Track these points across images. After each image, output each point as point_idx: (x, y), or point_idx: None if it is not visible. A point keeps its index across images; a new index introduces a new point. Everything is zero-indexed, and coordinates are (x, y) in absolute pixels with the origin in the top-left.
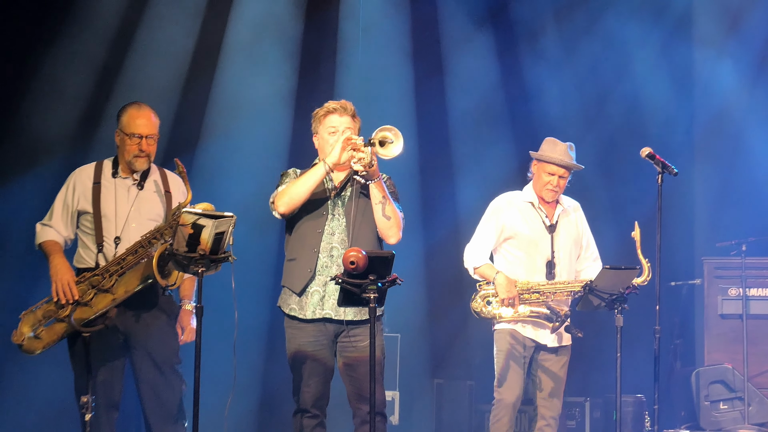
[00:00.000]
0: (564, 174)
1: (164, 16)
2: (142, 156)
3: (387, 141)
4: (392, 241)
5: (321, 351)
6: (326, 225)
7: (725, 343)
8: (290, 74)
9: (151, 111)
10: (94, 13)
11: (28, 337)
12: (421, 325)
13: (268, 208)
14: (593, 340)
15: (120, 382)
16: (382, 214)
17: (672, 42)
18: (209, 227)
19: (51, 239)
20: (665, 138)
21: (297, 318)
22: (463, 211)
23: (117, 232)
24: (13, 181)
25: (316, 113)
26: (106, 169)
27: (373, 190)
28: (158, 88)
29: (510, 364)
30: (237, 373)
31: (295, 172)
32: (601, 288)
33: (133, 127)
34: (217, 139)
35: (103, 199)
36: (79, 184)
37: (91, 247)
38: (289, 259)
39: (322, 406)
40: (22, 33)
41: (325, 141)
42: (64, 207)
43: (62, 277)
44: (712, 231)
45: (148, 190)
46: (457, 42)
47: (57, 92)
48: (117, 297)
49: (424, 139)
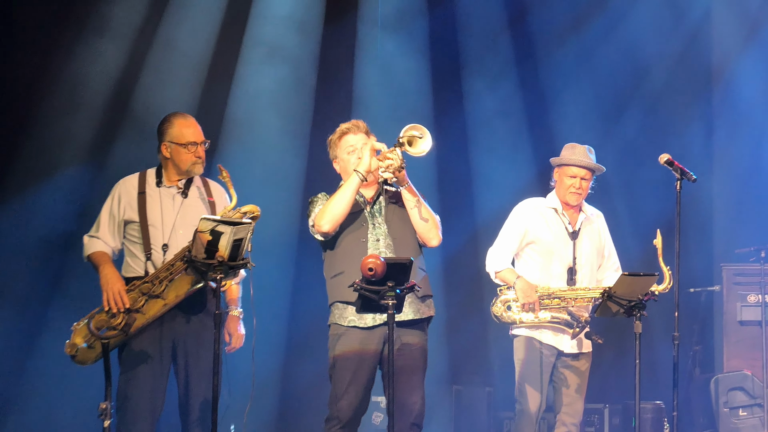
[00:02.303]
0: (586, 176)
1: (182, 21)
2: (199, 162)
3: (415, 139)
4: (434, 243)
5: (367, 360)
6: (369, 234)
7: (744, 349)
8: (308, 79)
9: (193, 118)
10: (112, 19)
11: (81, 348)
12: (440, 331)
13: (286, 215)
14: (612, 346)
15: (164, 390)
16: (420, 218)
17: (691, 48)
18: (228, 234)
19: (99, 250)
20: (684, 144)
21: (358, 327)
22: (481, 216)
23: (164, 240)
24: (31, 189)
25: (331, 139)
26: (150, 179)
27: (405, 195)
28: (176, 94)
29: (531, 373)
30: (255, 380)
31: (325, 196)
32: (619, 294)
33: (189, 136)
34: (235, 146)
35: (149, 209)
36: (125, 194)
37: (139, 256)
38: (336, 275)
39: (357, 417)
40: (44, 34)
41: (346, 162)
42: (110, 218)
43: (113, 286)
44: (731, 237)
45: (192, 197)
46: (475, 48)
47: (75, 98)
48: (168, 302)
49: (442, 144)
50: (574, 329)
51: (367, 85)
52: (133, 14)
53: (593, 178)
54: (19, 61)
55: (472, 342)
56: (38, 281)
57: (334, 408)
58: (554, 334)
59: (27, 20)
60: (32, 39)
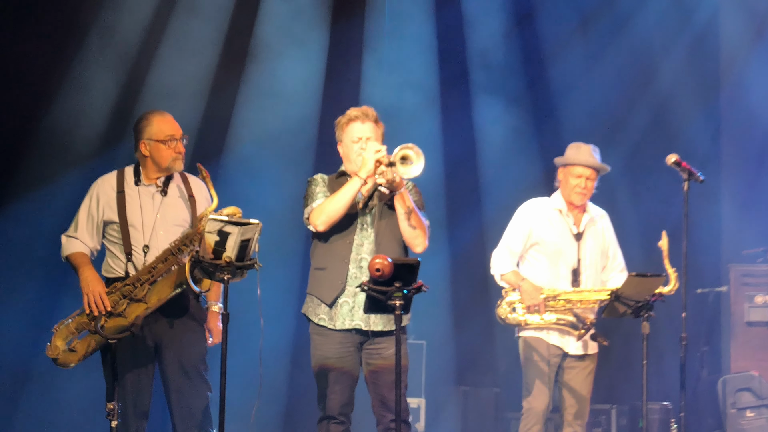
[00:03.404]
0: (591, 176)
1: (191, 18)
2: (179, 157)
3: (408, 159)
4: (418, 250)
5: (347, 359)
6: (355, 236)
7: (752, 350)
8: (317, 76)
9: (169, 114)
10: (120, 19)
11: (62, 351)
12: (447, 332)
13: (293, 214)
14: (620, 347)
15: (149, 390)
16: (408, 225)
17: (698, 48)
18: (235, 234)
19: (78, 251)
20: (691, 145)
21: (326, 327)
22: (488, 217)
23: (145, 241)
24: (39, 190)
25: (339, 121)
26: (128, 177)
27: (397, 202)
28: (184, 93)
29: (538, 372)
30: (263, 380)
31: (323, 178)
32: (627, 295)
33: (167, 130)
34: (244, 144)
35: (128, 208)
36: (103, 194)
37: (120, 257)
38: (318, 268)
39: (347, 413)
40: (52, 33)
41: (349, 149)
42: (89, 218)
43: (93, 289)
44: (738, 238)
45: (172, 196)
46: (483, 48)
47: (84, 98)
48: (150, 306)
49: (449, 145)
50: (579, 331)
51: (375, 84)
52: (138, 18)
53: (597, 177)
54: (24, 62)
55: (479, 343)
56: (46, 283)
57: (326, 407)
58: (560, 336)
59: (34, 22)
60: (36, 44)
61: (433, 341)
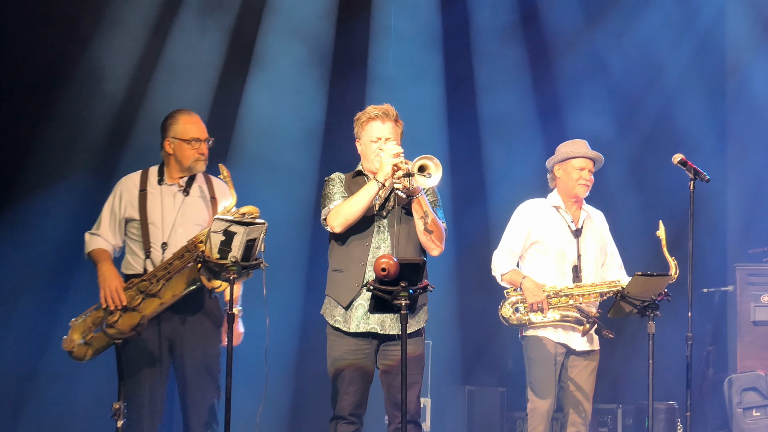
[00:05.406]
0: (591, 167)
1: (195, 24)
2: (202, 159)
3: (426, 169)
4: (435, 254)
5: (363, 360)
6: (373, 239)
7: (758, 349)
8: (321, 81)
9: (198, 116)
10: (125, 22)
11: (78, 344)
12: (453, 331)
13: (299, 214)
14: (625, 346)
15: (163, 389)
16: (425, 229)
17: (704, 47)
18: (241, 234)
19: (100, 247)
20: (697, 144)
21: (341, 330)
22: (493, 217)
23: (164, 238)
24: (46, 189)
25: (359, 118)
26: (152, 177)
27: (414, 206)
28: (191, 93)
29: (542, 371)
30: (268, 380)
31: (340, 177)
32: (633, 294)
33: (192, 132)
34: (249, 143)
35: (149, 206)
36: (126, 192)
37: (139, 254)
38: (335, 270)
39: (359, 414)
40: (58, 35)
41: (368, 148)
42: (111, 215)
43: (110, 284)
44: (744, 238)
45: (194, 196)
46: (488, 48)
47: (89, 99)
48: (164, 301)
49: (455, 145)
50: (584, 326)
51: (380, 85)
52: (145, 15)
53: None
54: (27, 63)
55: (484, 342)
56: (52, 283)
57: (337, 407)
58: (565, 332)
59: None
60: (43, 42)
61: (439, 341)
